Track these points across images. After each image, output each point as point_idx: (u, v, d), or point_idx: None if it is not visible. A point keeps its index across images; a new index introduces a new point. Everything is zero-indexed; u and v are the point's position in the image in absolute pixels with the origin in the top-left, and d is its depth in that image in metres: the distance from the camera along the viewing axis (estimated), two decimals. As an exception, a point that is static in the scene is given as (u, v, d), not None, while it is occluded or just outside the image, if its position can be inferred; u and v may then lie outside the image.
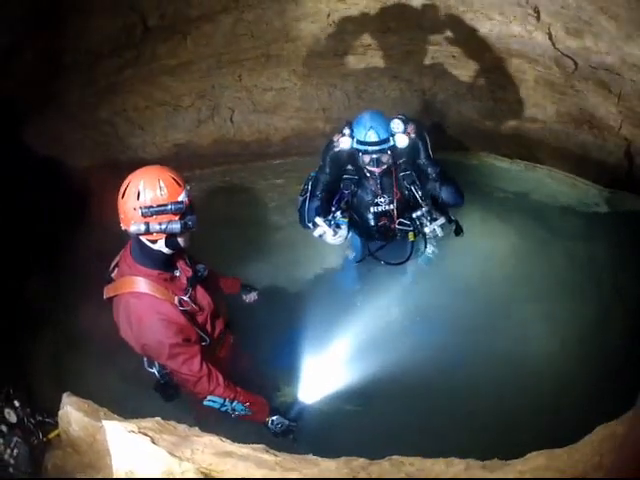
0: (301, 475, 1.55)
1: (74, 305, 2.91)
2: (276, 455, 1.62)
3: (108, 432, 1.47)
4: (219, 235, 3.48)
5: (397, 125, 2.39)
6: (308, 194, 2.61)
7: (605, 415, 1.50)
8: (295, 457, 1.64)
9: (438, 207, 2.68)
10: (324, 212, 2.58)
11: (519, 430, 2.40)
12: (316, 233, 2.55)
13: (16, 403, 1.49)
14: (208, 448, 1.58)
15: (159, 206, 1.66)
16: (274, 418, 2.13)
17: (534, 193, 3.79)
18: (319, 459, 1.63)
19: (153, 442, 1.50)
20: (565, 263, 3.25)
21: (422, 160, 2.50)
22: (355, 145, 2.44)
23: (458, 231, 2.71)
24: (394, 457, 1.61)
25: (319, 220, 2.51)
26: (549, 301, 3.06)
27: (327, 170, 2.58)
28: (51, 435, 1.57)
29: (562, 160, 3.74)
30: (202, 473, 1.44)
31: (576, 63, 3.31)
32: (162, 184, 1.68)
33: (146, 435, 1.52)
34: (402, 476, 1.54)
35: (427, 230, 2.57)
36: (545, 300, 3.07)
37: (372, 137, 2.39)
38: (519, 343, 2.86)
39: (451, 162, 3.76)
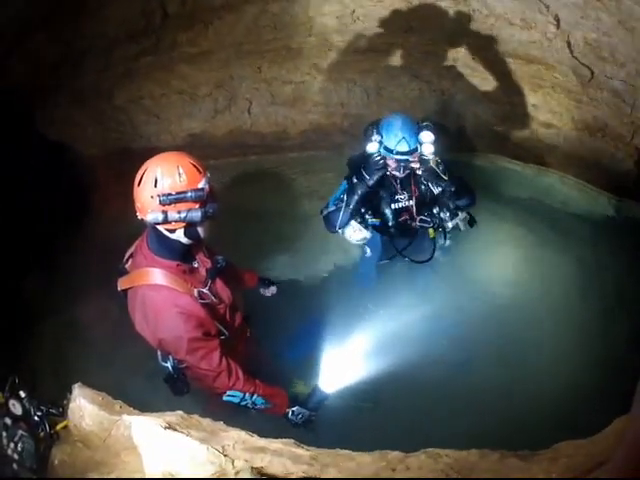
0: (339, 469, 1.52)
1: (73, 302, 2.89)
2: (308, 449, 1.58)
3: (135, 428, 1.37)
4: (232, 226, 3.47)
5: (427, 136, 2.43)
6: (343, 204, 2.59)
7: (611, 416, 1.52)
8: (328, 451, 1.61)
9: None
10: (357, 214, 2.67)
11: (525, 430, 2.41)
12: (347, 234, 2.68)
13: (22, 393, 1.39)
14: (238, 444, 1.50)
15: (178, 193, 1.58)
16: (294, 409, 2.12)
17: (545, 197, 3.87)
18: (352, 453, 1.61)
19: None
20: (573, 268, 3.34)
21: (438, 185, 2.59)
22: (383, 151, 2.47)
23: (472, 222, 2.79)
24: (429, 449, 1.61)
25: (355, 224, 2.64)
26: (556, 304, 3.15)
27: (370, 183, 2.55)
28: (59, 427, 1.48)
29: (574, 166, 3.82)
30: (259, 473, 1.38)
31: (592, 72, 3.37)
32: (181, 170, 1.60)
33: (177, 431, 1.43)
34: (440, 467, 1.55)
35: (450, 225, 2.65)
36: (552, 303, 3.15)
37: (403, 148, 2.43)
38: (527, 345, 2.94)
39: (464, 163, 3.85)
